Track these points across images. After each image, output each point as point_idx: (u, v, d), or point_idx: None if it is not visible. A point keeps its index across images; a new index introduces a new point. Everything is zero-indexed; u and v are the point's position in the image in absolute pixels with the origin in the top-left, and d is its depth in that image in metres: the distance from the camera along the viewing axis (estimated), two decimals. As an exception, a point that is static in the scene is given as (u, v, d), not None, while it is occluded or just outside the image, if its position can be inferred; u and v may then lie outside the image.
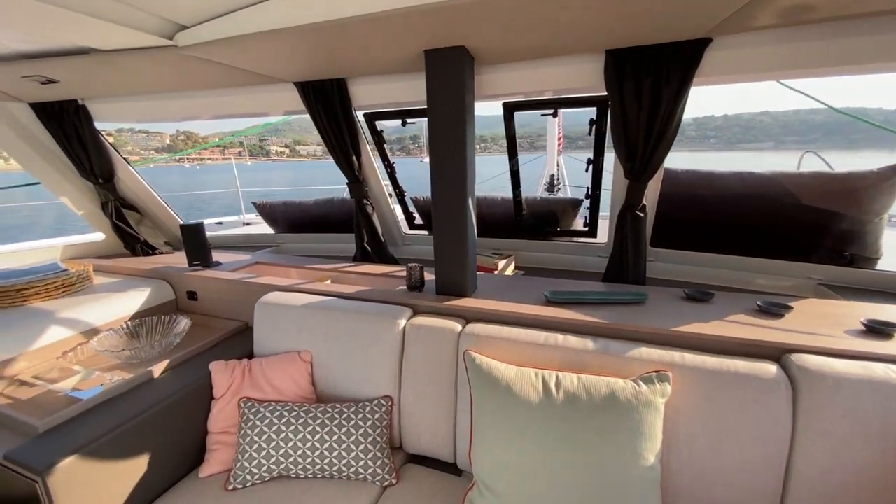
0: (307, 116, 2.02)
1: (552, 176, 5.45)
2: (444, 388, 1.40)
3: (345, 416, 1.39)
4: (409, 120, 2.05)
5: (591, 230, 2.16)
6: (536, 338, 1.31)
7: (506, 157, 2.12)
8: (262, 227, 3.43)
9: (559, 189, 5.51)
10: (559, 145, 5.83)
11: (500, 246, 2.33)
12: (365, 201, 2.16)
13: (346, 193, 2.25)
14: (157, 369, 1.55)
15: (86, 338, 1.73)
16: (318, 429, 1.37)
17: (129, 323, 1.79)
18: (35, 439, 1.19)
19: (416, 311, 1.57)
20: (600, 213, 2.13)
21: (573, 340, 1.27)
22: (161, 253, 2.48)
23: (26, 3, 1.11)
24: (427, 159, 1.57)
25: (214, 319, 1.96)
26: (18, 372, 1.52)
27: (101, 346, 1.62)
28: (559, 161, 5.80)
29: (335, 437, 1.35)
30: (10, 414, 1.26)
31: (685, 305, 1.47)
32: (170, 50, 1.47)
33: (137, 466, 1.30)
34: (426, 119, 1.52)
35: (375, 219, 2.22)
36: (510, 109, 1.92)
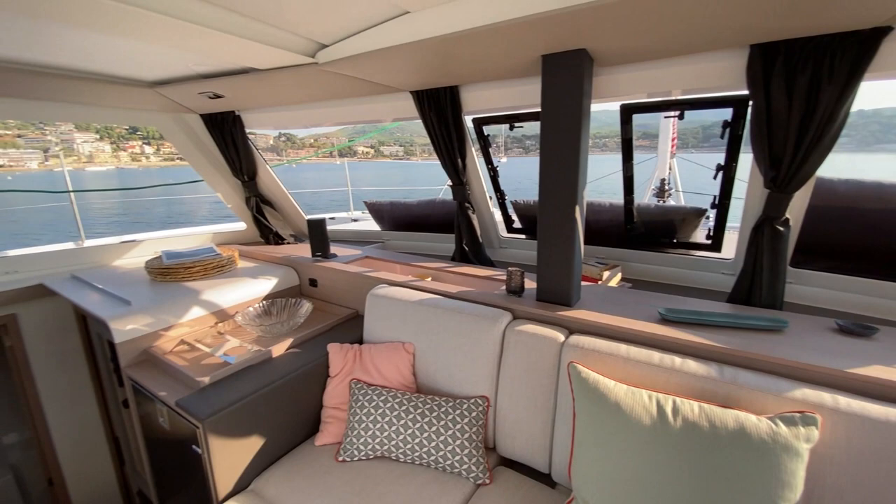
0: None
1: (662, 181, 5.00)
2: (542, 395, 1.39)
3: (443, 409, 1.45)
4: (516, 124, 2.06)
5: (715, 244, 1.94)
6: (649, 357, 1.22)
7: (602, 156, 2.01)
8: (367, 224, 3.72)
9: (670, 195, 5.04)
10: (673, 147, 5.33)
11: (605, 255, 2.22)
12: (466, 203, 2.23)
13: (444, 194, 2.33)
14: (284, 345, 1.78)
15: (232, 312, 2.05)
16: (418, 418, 1.45)
17: (263, 302, 2.09)
18: (198, 392, 1.45)
19: (516, 316, 1.57)
20: (727, 225, 1.90)
21: (693, 365, 1.16)
22: (287, 243, 2.83)
23: (208, 32, 1.35)
24: (504, 160, 1.56)
25: (330, 305, 2.18)
26: (184, 335, 1.86)
27: (243, 320, 1.91)
28: (671, 164, 5.30)
29: (433, 429, 1.42)
30: (181, 369, 1.55)
31: (838, 339, 1.25)
32: (311, 67, 1.67)
33: (268, 426, 1.52)
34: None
35: (475, 221, 2.27)
36: (629, 112, 1.81)
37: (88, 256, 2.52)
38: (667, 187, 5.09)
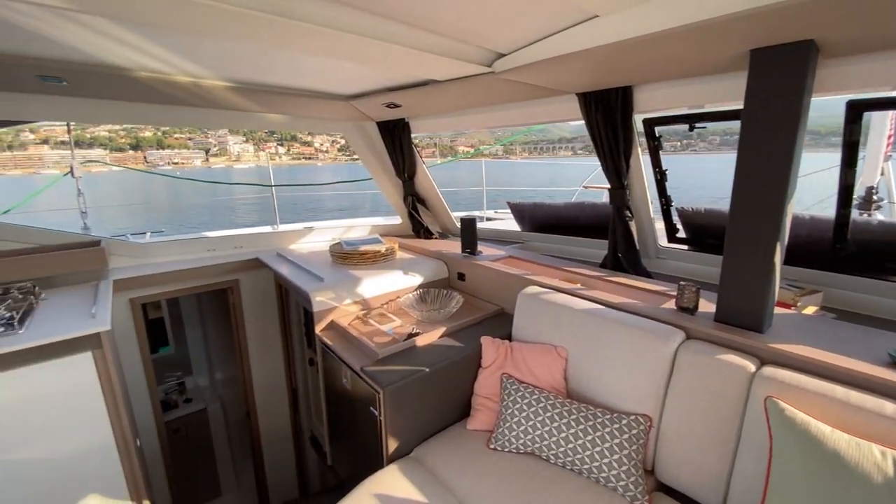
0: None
1: (870, 188, 3.98)
2: (721, 426, 1.26)
3: (599, 420, 1.43)
4: (698, 125, 1.88)
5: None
6: (880, 407, 1.01)
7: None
8: (502, 224, 3.80)
9: (879, 206, 4.00)
10: (888, 147, 4.20)
11: (798, 277, 1.89)
12: (625, 208, 2.12)
13: (579, 196, 2.24)
14: (438, 331, 1.94)
15: (394, 296, 2.31)
16: (571, 423, 1.45)
17: (419, 290, 2.31)
18: (378, 362, 1.69)
19: (689, 336, 1.44)
20: None
21: (953, 427, 0.93)
22: (435, 238, 3.06)
23: (395, 48, 1.52)
24: None
25: (477, 300, 2.31)
26: (359, 311, 2.17)
27: (405, 304, 2.14)
28: (885, 168, 4.19)
29: (589, 438, 1.40)
30: (362, 340, 1.82)
31: None
32: (487, 76, 1.78)
33: (429, 402, 1.68)
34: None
35: (633, 227, 2.14)
36: (858, 109, 1.51)
37: (281, 238, 3.11)
38: (875, 196, 4.04)
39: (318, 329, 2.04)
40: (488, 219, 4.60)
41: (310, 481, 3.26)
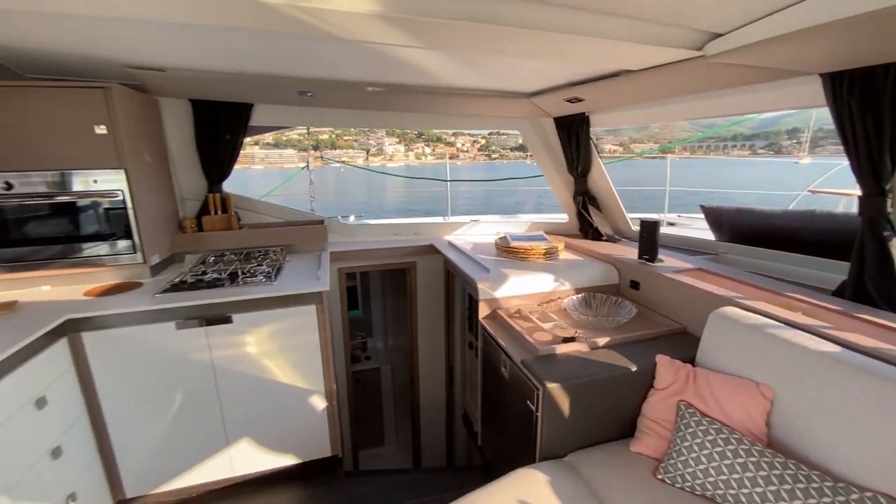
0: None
1: None
2: None
3: (817, 486, 1.13)
4: None
5: None
6: None
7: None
8: (687, 231, 3.30)
9: None
10: None
11: None
12: (884, 221, 1.59)
13: (798, 204, 1.73)
14: (602, 339, 1.82)
15: (555, 296, 2.27)
16: (773, 480, 1.19)
17: (583, 294, 2.21)
18: (538, 358, 1.70)
19: None
20: None
21: None
22: (605, 240, 2.87)
23: (591, 41, 1.44)
24: (805, 160, 0.91)
25: (652, 313, 2.08)
26: (520, 305, 2.21)
27: (569, 305, 2.08)
28: None
29: (798, 504, 1.13)
30: (523, 334, 1.85)
31: None
32: (695, 61, 1.56)
33: (589, 410, 1.61)
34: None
35: (893, 247, 1.60)
36: None
37: (451, 228, 3.37)
38: None
39: (480, 316, 2.17)
40: (669, 223, 4.07)
41: (456, 454, 3.51)
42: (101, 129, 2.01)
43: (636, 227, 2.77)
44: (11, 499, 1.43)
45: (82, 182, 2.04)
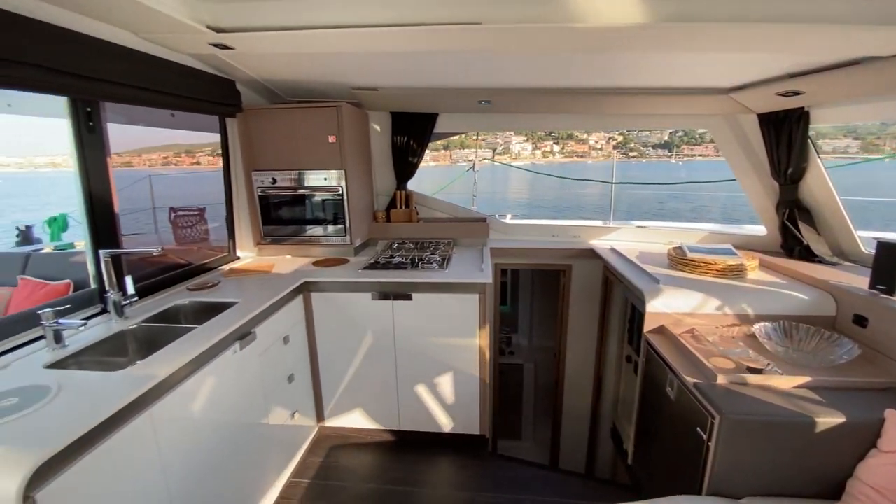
0: None
1: None
2: None
3: None
4: None
5: None
6: None
7: None
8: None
9: None
10: None
11: None
12: None
13: None
14: (800, 379, 1.54)
15: (739, 320, 1.99)
16: None
17: (782, 322, 1.88)
18: (713, 385, 1.54)
19: None
20: None
21: None
22: (817, 261, 2.35)
23: (825, 29, 1.21)
24: None
25: (884, 358, 1.65)
26: (694, 324, 2.00)
27: (761, 333, 1.81)
28: None
29: None
30: (697, 356, 1.69)
31: None
32: None
33: (775, 455, 1.40)
34: None
35: None
36: None
37: (613, 233, 3.21)
38: None
39: (645, 330, 2.05)
40: None
41: (597, 467, 3.38)
42: (332, 139, 2.59)
43: (868, 250, 2.20)
44: (266, 403, 2.00)
45: (317, 179, 2.67)
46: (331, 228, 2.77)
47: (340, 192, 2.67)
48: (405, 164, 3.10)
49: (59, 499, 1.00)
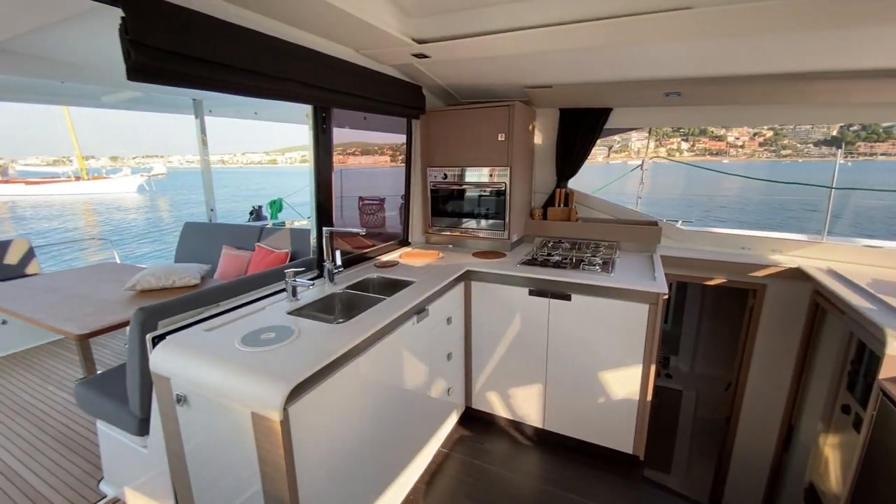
0: None
1: None
2: None
3: None
4: None
5: None
6: None
7: None
8: None
9: None
10: None
11: None
12: None
13: None
14: None
15: None
16: None
17: None
18: None
19: None
20: None
21: None
22: None
23: None
24: None
25: None
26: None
27: None
28: None
29: None
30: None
31: None
32: None
33: None
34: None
35: None
36: None
37: (828, 251, 2.57)
38: None
39: (882, 375, 1.61)
40: None
41: (776, 531, 2.81)
42: (501, 136, 2.70)
43: None
44: (430, 375, 2.22)
45: (483, 175, 2.82)
46: (490, 223, 2.90)
47: (504, 188, 2.77)
48: (569, 162, 3.03)
49: (300, 414, 1.30)
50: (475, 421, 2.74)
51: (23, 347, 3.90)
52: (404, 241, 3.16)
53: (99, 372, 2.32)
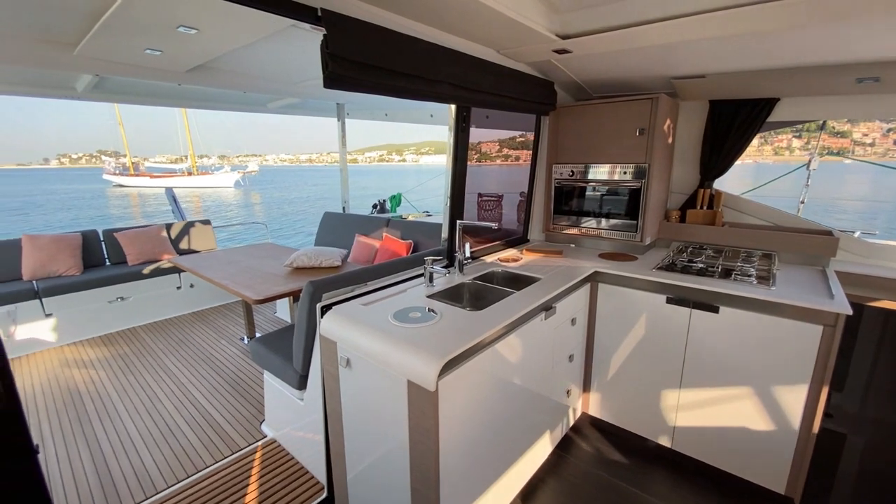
0: None
1: None
2: None
3: None
4: None
5: None
6: None
7: None
8: None
9: None
10: None
11: None
12: None
13: None
14: None
15: None
16: None
17: None
18: None
19: None
20: None
21: None
22: None
23: None
24: None
25: None
26: None
27: None
28: None
29: None
30: None
31: None
32: None
33: None
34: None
35: None
36: None
37: None
38: None
39: None
40: None
41: None
42: (640, 132, 2.54)
43: None
44: (552, 374, 2.21)
45: (616, 172, 2.68)
46: (620, 223, 2.75)
47: (639, 187, 2.61)
48: (718, 160, 2.72)
49: (446, 388, 1.41)
50: (591, 427, 2.65)
51: (203, 307, 4.85)
52: (523, 238, 3.17)
53: (259, 335, 2.79)
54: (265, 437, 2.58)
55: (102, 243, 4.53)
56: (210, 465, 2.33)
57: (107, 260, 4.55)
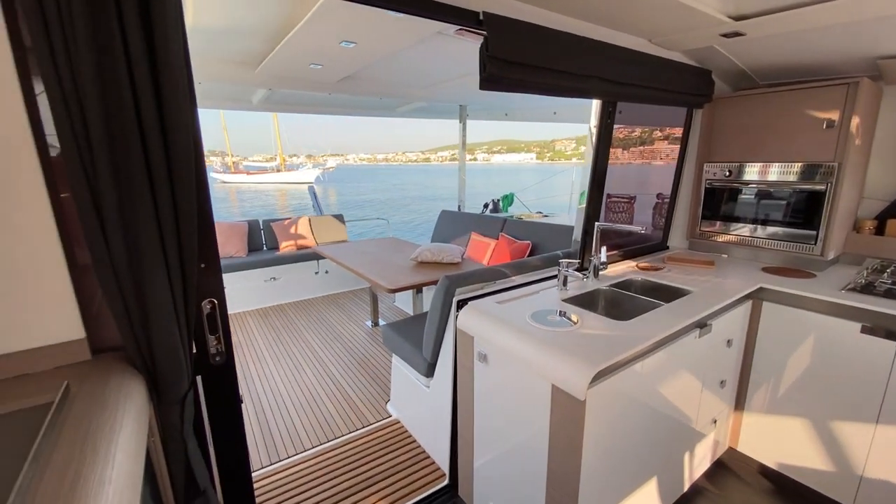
0: None
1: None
2: None
3: None
4: None
5: None
6: None
7: None
8: None
9: None
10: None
11: None
12: None
13: None
14: None
15: None
16: None
17: None
18: None
19: None
20: None
21: None
22: None
23: None
24: None
25: None
26: None
27: None
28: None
29: None
30: None
31: None
32: None
33: None
34: None
35: None
36: None
37: None
38: None
39: None
40: None
41: None
42: (827, 125, 2.11)
43: None
44: (701, 398, 1.96)
45: (790, 173, 2.28)
46: (790, 232, 2.33)
47: (824, 190, 2.17)
48: (946, 158, 2.13)
49: (594, 399, 1.34)
50: (739, 465, 2.30)
51: (334, 291, 5.43)
52: (662, 244, 2.89)
53: (381, 321, 2.99)
54: (390, 416, 2.78)
55: (262, 231, 5.36)
56: (346, 433, 2.59)
57: (264, 245, 5.37)
